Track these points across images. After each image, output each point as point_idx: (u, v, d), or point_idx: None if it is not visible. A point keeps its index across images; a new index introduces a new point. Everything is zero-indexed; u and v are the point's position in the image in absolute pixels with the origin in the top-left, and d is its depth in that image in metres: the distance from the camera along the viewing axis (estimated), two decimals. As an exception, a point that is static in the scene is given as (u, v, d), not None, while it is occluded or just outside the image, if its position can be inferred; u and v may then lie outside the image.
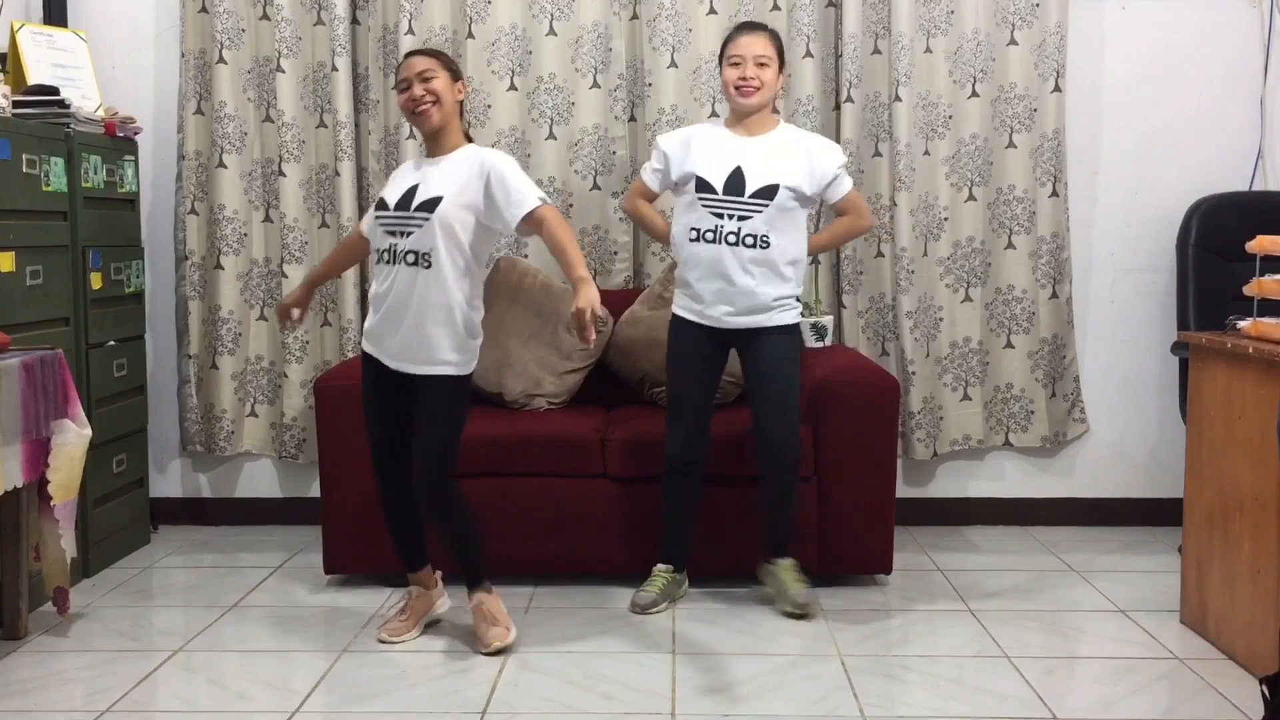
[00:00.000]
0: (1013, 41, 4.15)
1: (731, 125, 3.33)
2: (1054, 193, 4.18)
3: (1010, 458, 4.36)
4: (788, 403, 3.27)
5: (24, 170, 3.37)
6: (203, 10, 4.17)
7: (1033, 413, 4.26)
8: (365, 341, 3.08)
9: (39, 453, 3.07)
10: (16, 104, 3.55)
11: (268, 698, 2.81)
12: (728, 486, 3.48)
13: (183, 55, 4.17)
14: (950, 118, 4.18)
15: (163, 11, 4.25)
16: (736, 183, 3.21)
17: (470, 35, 4.14)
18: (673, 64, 4.13)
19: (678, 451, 3.33)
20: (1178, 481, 3.42)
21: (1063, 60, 4.13)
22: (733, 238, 3.21)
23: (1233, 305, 3.44)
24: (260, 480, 4.39)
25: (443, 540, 3.11)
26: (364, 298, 4.12)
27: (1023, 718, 2.68)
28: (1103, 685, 2.87)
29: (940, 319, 4.22)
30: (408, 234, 2.91)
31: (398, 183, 3.05)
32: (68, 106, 3.63)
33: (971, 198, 4.21)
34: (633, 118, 4.22)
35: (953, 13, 4.15)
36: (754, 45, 3.24)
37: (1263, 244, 3.00)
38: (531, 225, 2.90)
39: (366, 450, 3.13)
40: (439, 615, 3.25)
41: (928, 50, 4.15)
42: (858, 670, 2.94)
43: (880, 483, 3.51)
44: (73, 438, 3.14)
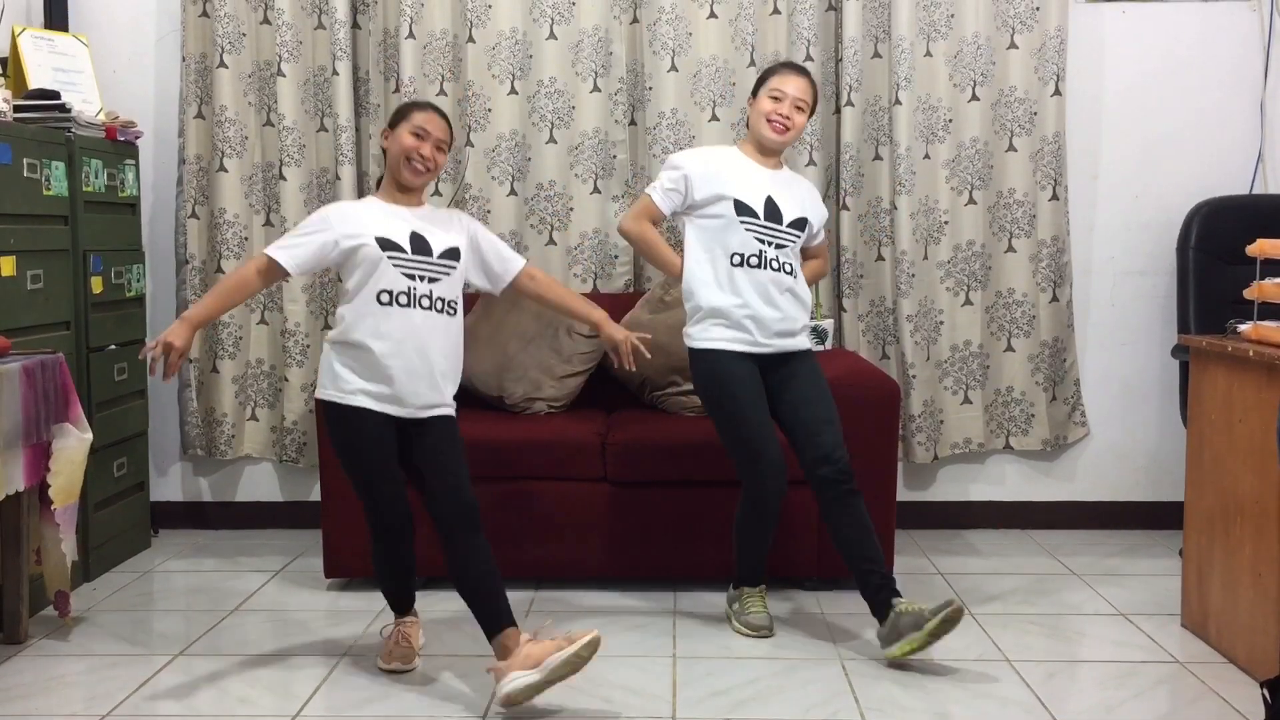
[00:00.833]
0: (1013, 45, 4.15)
1: (749, 154, 3.28)
2: (1054, 196, 4.18)
3: (1011, 461, 4.36)
4: (838, 420, 3.18)
5: (25, 174, 3.37)
6: (203, 14, 4.17)
7: (1033, 416, 4.26)
8: (364, 398, 2.82)
9: (40, 457, 3.06)
10: (17, 108, 3.55)
11: (268, 702, 2.81)
12: (723, 489, 3.45)
13: (183, 59, 4.18)
14: (950, 121, 4.18)
15: (163, 16, 4.25)
16: (773, 211, 3.18)
17: (471, 39, 4.14)
18: (673, 68, 4.13)
19: (773, 489, 3.14)
20: (1178, 485, 3.42)
21: (1063, 64, 4.14)
22: (775, 264, 3.18)
23: (1233, 309, 3.43)
24: (261, 484, 4.39)
25: (470, 571, 2.84)
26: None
27: (1024, 722, 2.68)
28: (1104, 689, 2.87)
29: (941, 322, 4.22)
30: (435, 280, 2.88)
31: (384, 223, 2.85)
32: (69, 111, 3.63)
33: (972, 201, 4.21)
34: (633, 121, 4.22)
35: (953, 16, 4.15)
36: (798, 87, 3.20)
37: (1263, 247, 3.01)
38: (521, 281, 3.05)
39: None
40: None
41: (928, 54, 4.15)
42: (859, 674, 2.94)
43: (881, 486, 3.51)
44: (73, 442, 3.14)
